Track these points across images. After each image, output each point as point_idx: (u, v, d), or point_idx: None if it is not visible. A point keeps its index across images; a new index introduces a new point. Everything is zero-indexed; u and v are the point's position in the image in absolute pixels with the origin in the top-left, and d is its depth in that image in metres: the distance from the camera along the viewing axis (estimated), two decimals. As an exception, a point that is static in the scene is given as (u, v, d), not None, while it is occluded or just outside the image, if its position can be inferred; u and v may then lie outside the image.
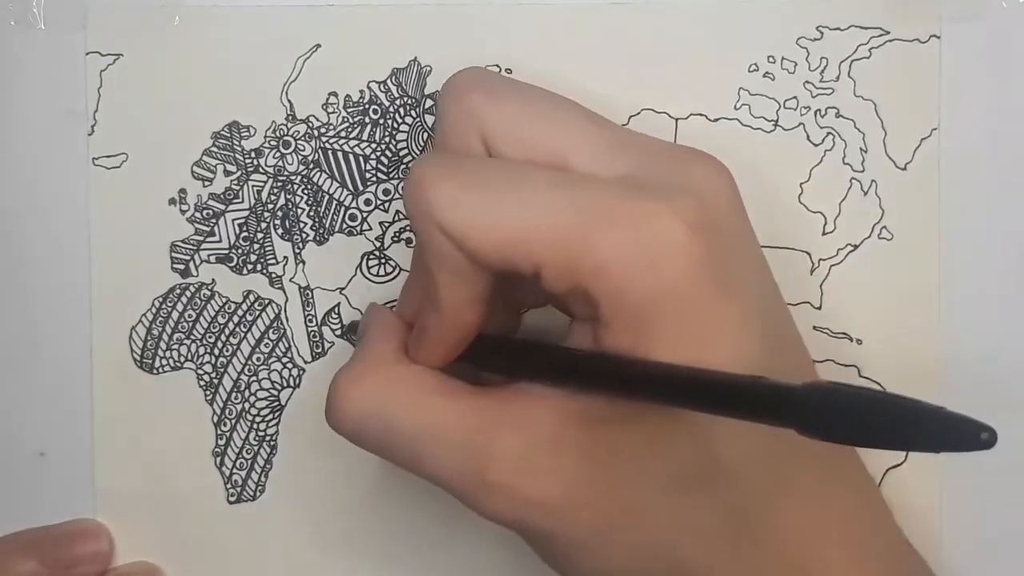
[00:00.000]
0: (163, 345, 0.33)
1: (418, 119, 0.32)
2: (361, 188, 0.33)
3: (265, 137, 0.33)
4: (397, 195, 0.33)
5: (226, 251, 0.33)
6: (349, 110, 0.33)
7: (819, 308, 0.32)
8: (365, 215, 0.33)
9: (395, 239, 0.33)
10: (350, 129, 0.33)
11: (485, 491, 0.25)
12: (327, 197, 0.33)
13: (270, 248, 0.33)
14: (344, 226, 0.33)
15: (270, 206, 0.33)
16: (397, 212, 0.33)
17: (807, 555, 0.26)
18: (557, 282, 0.24)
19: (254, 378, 0.33)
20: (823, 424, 0.19)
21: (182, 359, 0.33)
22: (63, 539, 0.32)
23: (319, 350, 0.33)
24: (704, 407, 0.22)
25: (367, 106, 0.33)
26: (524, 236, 0.24)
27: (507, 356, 0.28)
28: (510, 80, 0.28)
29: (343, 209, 0.33)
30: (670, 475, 0.25)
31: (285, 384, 0.33)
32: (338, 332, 0.33)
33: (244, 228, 0.33)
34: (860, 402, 0.19)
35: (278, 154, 0.33)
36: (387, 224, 0.33)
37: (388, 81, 0.32)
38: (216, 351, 0.33)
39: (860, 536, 0.27)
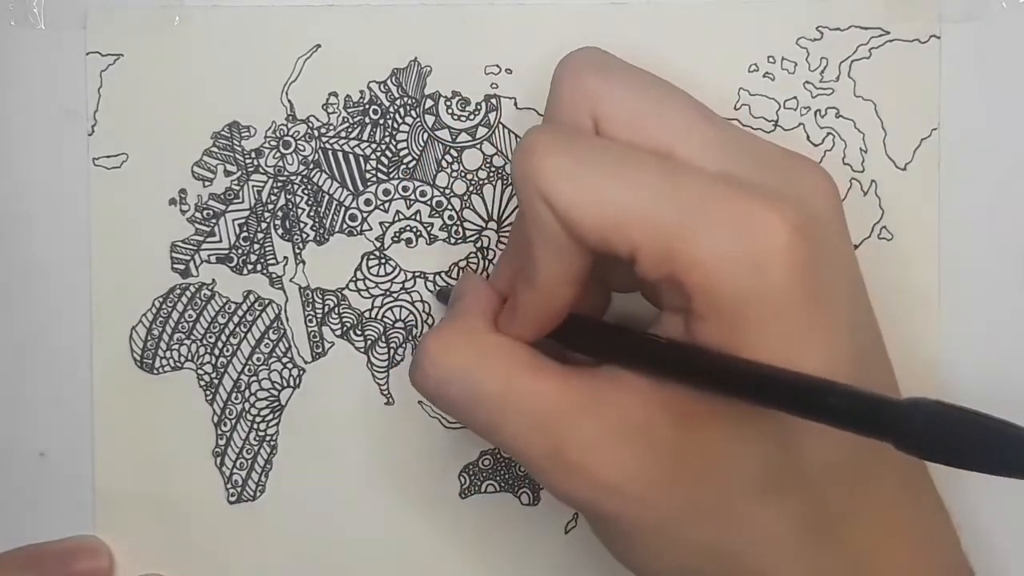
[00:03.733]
0: (163, 345, 0.33)
1: (418, 119, 0.32)
2: (361, 188, 0.33)
3: (265, 137, 0.33)
4: (397, 195, 0.33)
5: (226, 251, 0.33)
6: (349, 110, 0.33)
7: (819, 308, 0.32)
8: (365, 215, 0.33)
9: (395, 239, 0.33)
10: (350, 129, 0.33)
11: (561, 470, 0.25)
12: (327, 197, 0.33)
13: (270, 248, 0.33)
14: (344, 226, 0.33)
15: (270, 206, 0.33)
16: (397, 212, 0.33)
17: (874, 571, 0.26)
18: (652, 268, 0.24)
19: (254, 378, 0.33)
20: (925, 442, 0.19)
21: (182, 359, 0.33)
22: (62, 555, 0.32)
23: (319, 350, 0.33)
24: (802, 411, 0.22)
25: (367, 106, 0.33)
26: (625, 218, 0.24)
27: (598, 339, 0.27)
28: (626, 64, 0.28)
29: (343, 209, 0.33)
30: (751, 476, 0.25)
31: (285, 384, 0.33)
32: (341, 331, 0.33)
33: (244, 228, 0.33)
34: (966, 423, 0.19)
35: (278, 154, 0.33)
36: (387, 224, 0.33)
37: (388, 81, 0.32)
38: (216, 351, 0.33)
39: (928, 555, 0.27)
